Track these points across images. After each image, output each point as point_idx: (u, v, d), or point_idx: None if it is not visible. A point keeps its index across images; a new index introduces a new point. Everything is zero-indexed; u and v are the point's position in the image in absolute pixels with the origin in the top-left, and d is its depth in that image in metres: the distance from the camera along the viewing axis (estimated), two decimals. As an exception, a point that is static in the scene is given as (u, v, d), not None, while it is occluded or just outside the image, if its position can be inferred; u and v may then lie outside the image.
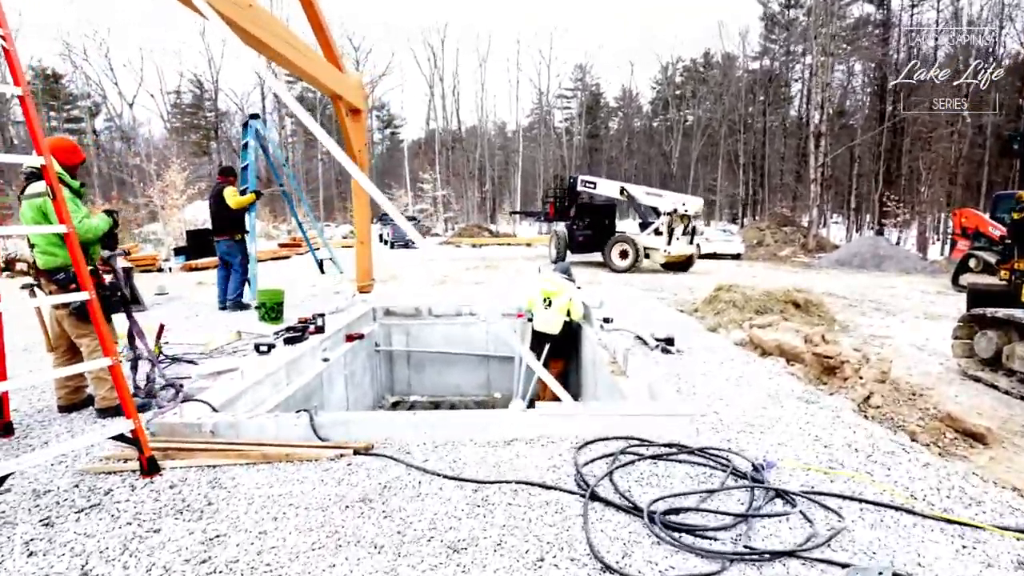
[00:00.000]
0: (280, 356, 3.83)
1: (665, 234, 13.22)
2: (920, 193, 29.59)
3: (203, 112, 37.47)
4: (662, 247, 13.22)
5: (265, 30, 4.14)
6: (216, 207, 6.60)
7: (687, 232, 13.58)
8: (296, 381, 3.81)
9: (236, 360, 4.02)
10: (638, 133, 54.16)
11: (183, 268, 12.12)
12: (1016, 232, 5.45)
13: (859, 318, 8.38)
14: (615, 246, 13.63)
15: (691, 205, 13.67)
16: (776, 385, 3.86)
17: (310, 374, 4.00)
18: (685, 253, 13.52)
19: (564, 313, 5.37)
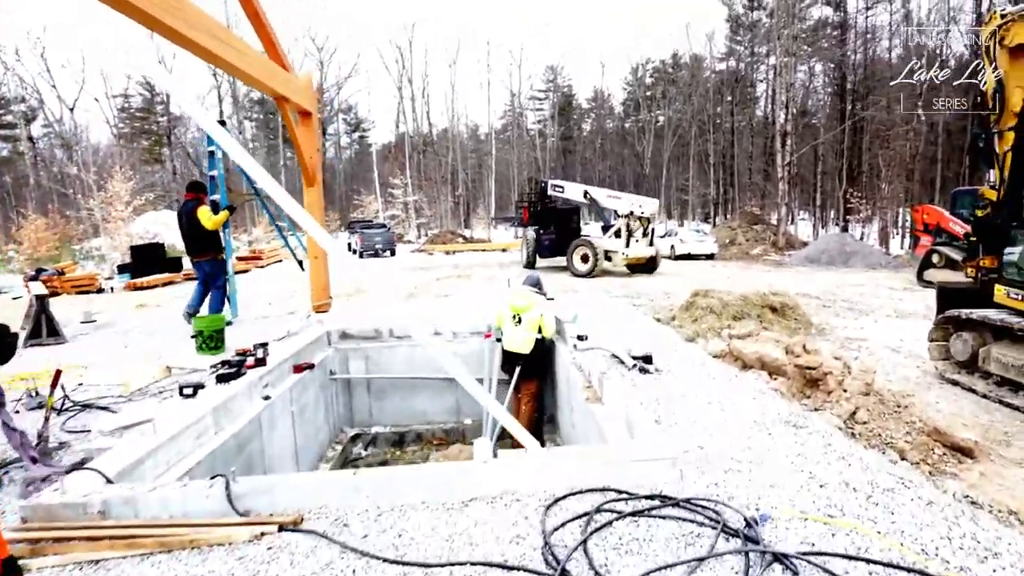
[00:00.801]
0: (208, 399, 3.36)
1: (624, 236, 13.22)
2: (880, 189, 30.38)
3: (155, 116, 35.80)
4: (621, 249, 13.23)
5: (187, 23, 3.66)
6: (189, 227, 6.14)
7: (646, 234, 13.58)
8: (228, 428, 3.34)
9: (157, 405, 3.54)
10: (611, 134, 54.48)
11: (127, 287, 11.33)
12: (980, 229, 5.37)
13: (834, 319, 8.29)
14: (576, 250, 13.60)
15: (647, 207, 13.70)
16: (761, 407, 3.58)
17: (245, 418, 3.53)
18: (644, 255, 13.52)
19: (535, 330, 5.02)
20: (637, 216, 13.39)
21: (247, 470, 3.43)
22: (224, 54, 4.20)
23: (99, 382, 4.16)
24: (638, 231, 13.50)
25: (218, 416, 3.28)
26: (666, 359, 4.71)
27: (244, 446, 3.41)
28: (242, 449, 3.38)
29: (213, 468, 3.05)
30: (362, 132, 50.87)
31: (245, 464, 3.40)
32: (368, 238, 22.08)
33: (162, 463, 2.77)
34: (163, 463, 2.78)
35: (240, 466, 3.34)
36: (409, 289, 10.26)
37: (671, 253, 19.98)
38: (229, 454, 3.23)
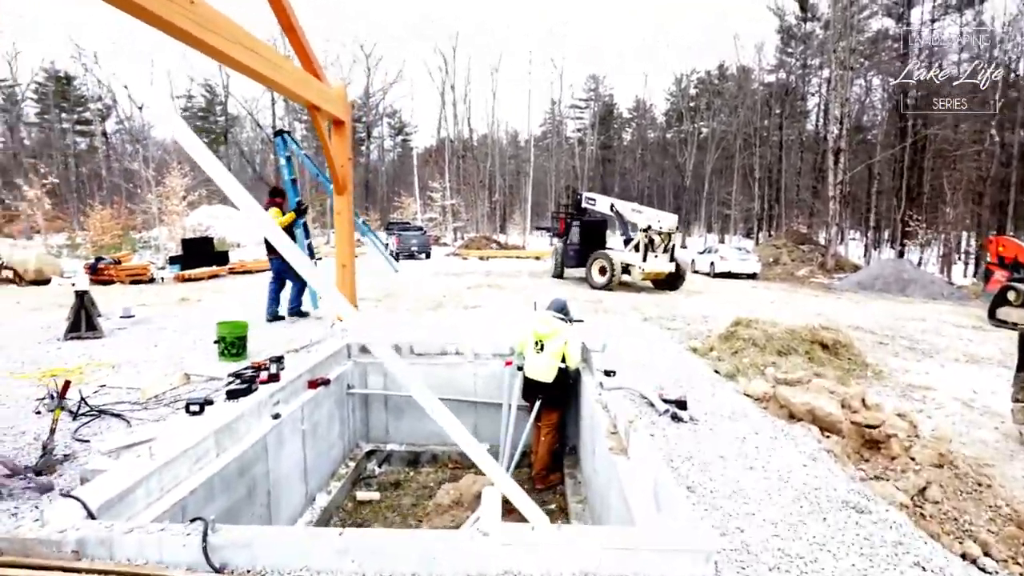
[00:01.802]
0: (213, 419, 3.18)
1: (641, 251, 13.05)
2: (944, 213, 28.34)
3: (214, 116, 37.39)
4: (638, 263, 13.08)
5: (215, 34, 3.53)
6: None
7: (667, 250, 13.32)
8: (230, 450, 3.15)
9: (166, 419, 3.39)
10: (652, 144, 53.37)
11: (176, 278, 11.63)
12: None
13: (892, 360, 7.55)
14: (595, 262, 13.50)
15: (665, 222, 13.40)
16: (813, 477, 3.12)
17: (251, 438, 3.34)
18: (663, 270, 13.25)
19: (558, 359, 4.67)
20: (656, 231, 13.17)
21: (248, 494, 3.23)
22: (260, 68, 4.09)
23: (121, 384, 4.08)
24: (660, 246, 13.30)
25: (220, 438, 3.10)
26: (702, 403, 4.28)
27: (247, 469, 3.22)
28: (244, 472, 3.18)
29: (211, 495, 2.86)
30: (405, 136, 51.64)
31: (247, 487, 3.21)
32: (404, 240, 22.20)
33: (155, 490, 2.58)
34: (156, 490, 2.59)
35: (241, 490, 3.15)
36: (438, 298, 10.06)
37: (710, 270, 19.19)
38: (230, 479, 3.04)
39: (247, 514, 3.19)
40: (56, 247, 17.05)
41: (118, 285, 10.55)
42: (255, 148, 39.66)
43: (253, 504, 3.26)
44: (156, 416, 3.50)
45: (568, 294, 12.12)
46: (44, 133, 33.88)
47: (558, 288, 13.23)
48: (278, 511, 3.57)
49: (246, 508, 3.19)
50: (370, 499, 4.50)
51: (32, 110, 34.47)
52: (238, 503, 3.09)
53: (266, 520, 3.42)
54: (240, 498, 3.12)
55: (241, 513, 3.13)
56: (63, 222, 19.58)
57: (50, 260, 11.17)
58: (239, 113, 35.51)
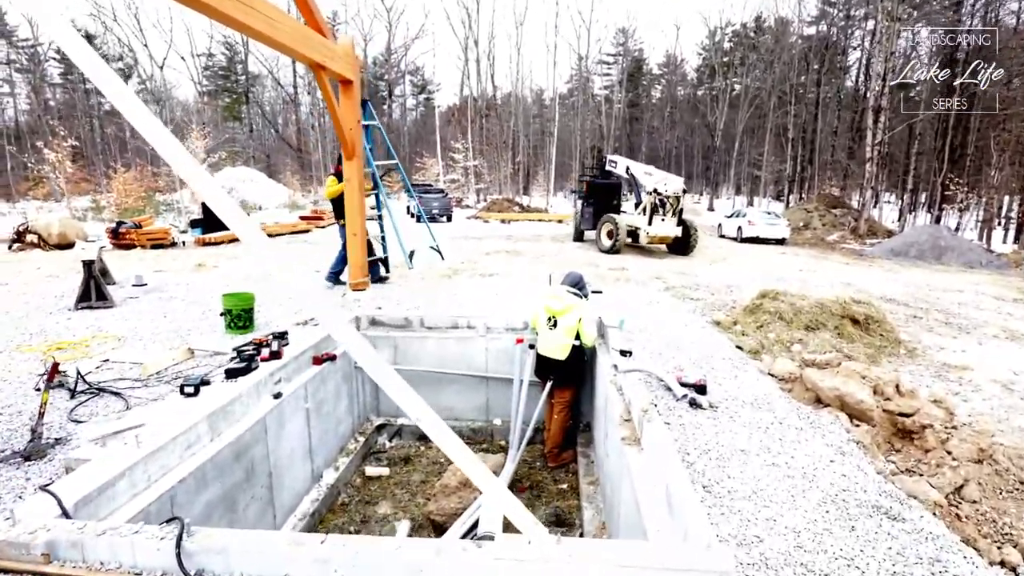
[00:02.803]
0: (208, 401, 3.04)
1: (648, 214, 12.72)
2: (988, 176, 26.45)
3: (235, 75, 36.77)
4: (644, 227, 12.79)
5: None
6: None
7: (675, 213, 12.88)
8: (226, 434, 3.02)
9: (170, 393, 3.28)
10: (681, 102, 50.92)
11: (196, 242, 11.63)
12: None
13: (926, 336, 7.07)
14: (603, 226, 13.25)
15: (671, 185, 12.88)
16: (841, 476, 2.85)
17: (249, 420, 3.21)
18: (669, 234, 12.85)
19: (571, 336, 4.41)
20: (662, 194, 12.72)
21: (247, 477, 3.13)
22: (253, 22, 3.74)
23: (125, 359, 4.00)
24: (669, 210, 12.87)
25: (215, 421, 2.97)
26: (723, 386, 3.99)
27: (244, 453, 3.10)
28: (241, 456, 3.07)
29: (203, 482, 2.75)
30: (428, 94, 50.29)
31: (245, 471, 3.10)
32: (426, 203, 21.83)
33: (141, 481, 2.47)
34: (143, 480, 2.48)
35: (238, 474, 3.04)
36: (454, 265, 9.82)
37: (737, 235, 18.45)
38: (224, 464, 2.92)
39: (245, 498, 3.10)
40: (81, 210, 17.27)
41: (138, 250, 10.60)
42: (276, 108, 39.24)
43: (252, 487, 3.17)
44: (156, 394, 3.39)
45: (587, 260, 11.76)
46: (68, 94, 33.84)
47: (578, 253, 12.85)
48: (280, 491, 3.48)
49: (244, 492, 3.09)
50: (379, 475, 4.42)
51: (55, 71, 34.35)
52: (234, 488, 2.99)
53: (267, 502, 3.33)
54: (236, 482, 3.02)
55: (238, 498, 3.03)
56: (90, 185, 19.73)
57: (73, 224, 11.28)
58: (260, 72, 34.89)
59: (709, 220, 28.55)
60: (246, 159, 29.57)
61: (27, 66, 29.77)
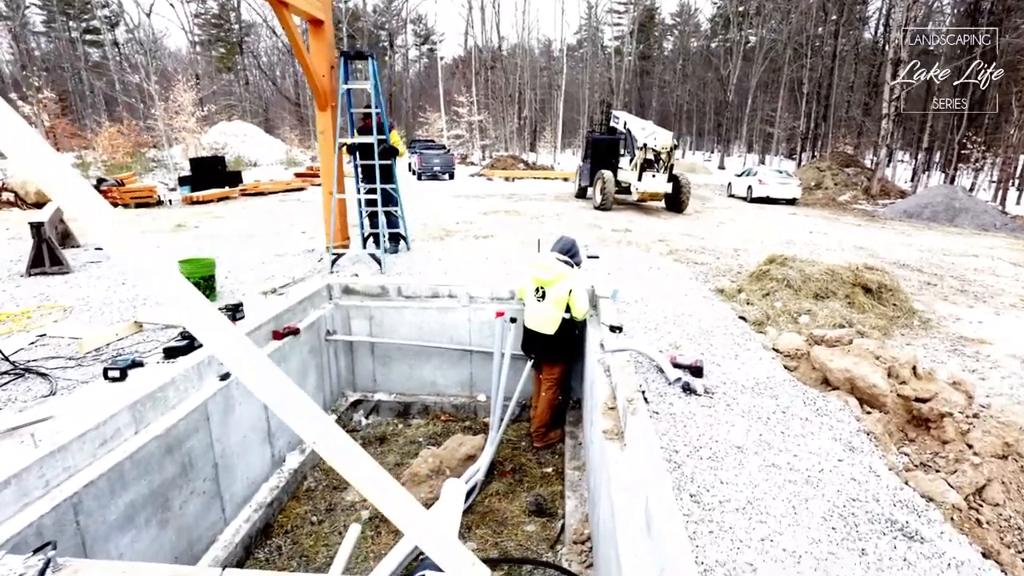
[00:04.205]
0: (136, 386, 2.65)
1: (638, 169, 12.20)
2: (1008, 135, 25.00)
3: (228, 24, 34.72)
4: (633, 183, 12.30)
5: None
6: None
7: (666, 169, 12.30)
8: (155, 424, 2.65)
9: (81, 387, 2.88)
10: (694, 55, 48.28)
11: (184, 200, 11.10)
12: None
13: (941, 305, 6.56)
14: (597, 182, 12.72)
15: (660, 139, 12.16)
16: (850, 481, 2.44)
17: (187, 406, 2.83)
18: (658, 190, 12.31)
19: (561, 308, 3.96)
20: (651, 148, 12.09)
21: (182, 471, 2.78)
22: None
23: (64, 333, 3.60)
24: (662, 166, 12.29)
25: (140, 411, 2.58)
26: (722, 367, 3.55)
27: (179, 443, 2.73)
28: (174, 448, 2.70)
29: (120, 483, 2.38)
30: (431, 45, 47.86)
31: (180, 465, 2.74)
32: (427, 159, 21.00)
33: (35, 488, 2.10)
34: (38, 487, 2.10)
35: (169, 470, 2.68)
36: (448, 226, 9.28)
37: (747, 195, 17.63)
38: (150, 460, 2.55)
39: (183, 494, 2.75)
40: (68, 167, 16.43)
41: (120, 209, 10.10)
42: (274, 59, 37.36)
43: (191, 481, 2.82)
44: (89, 375, 3.00)
45: (589, 220, 11.16)
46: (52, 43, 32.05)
47: (580, 213, 12.24)
48: (231, 482, 3.15)
49: (180, 488, 2.74)
50: (349, 454, 4.09)
51: (38, 17, 32.33)
52: (165, 486, 2.63)
53: (213, 495, 3.00)
54: (169, 479, 2.66)
55: (172, 495, 2.68)
56: (81, 140, 18.95)
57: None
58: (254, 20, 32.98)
59: (719, 179, 27.47)
60: (242, 113, 28.37)
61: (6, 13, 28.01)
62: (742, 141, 42.17)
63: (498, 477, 3.96)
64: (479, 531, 3.45)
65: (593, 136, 14.99)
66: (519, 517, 3.57)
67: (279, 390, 1.44)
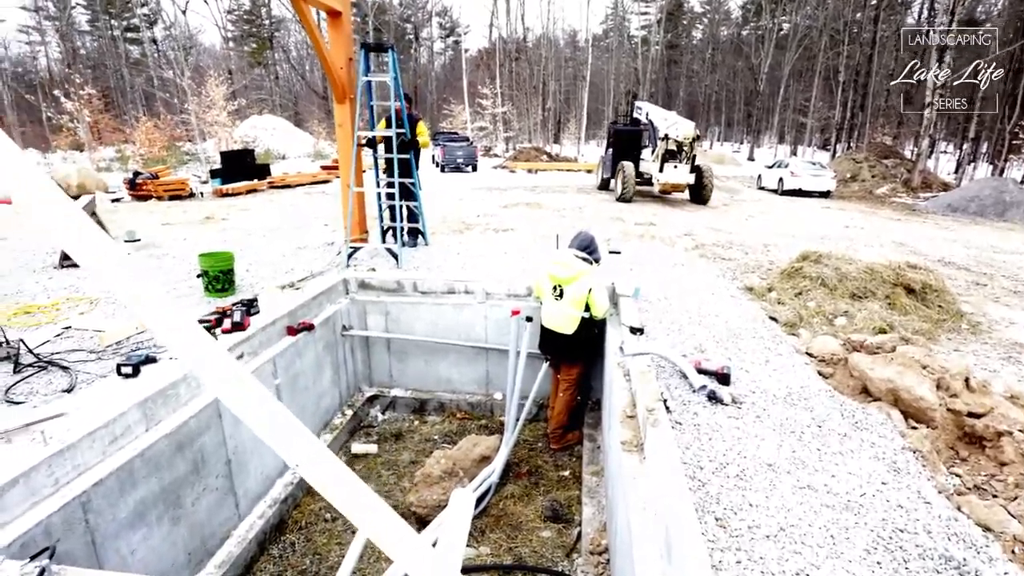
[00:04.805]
0: (148, 382, 2.62)
1: (660, 160, 11.94)
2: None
3: (259, 20, 35.19)
4: (654, 174, 12.07)
5: None
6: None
7: (689, 160, 12.00)
8: (165, 423, 2.61)
9: (98, 383, 2.86)
10: (724, 43, 46.73)
11: (215, 193, 11.28)
12: None
13: (991, 307, 6.10)
14: (618, 174, 12.58)
15: (681, 129, 11.81)
16: (896, 507, 2.22)
17: (199, 403, 2.79)
18: (680, 181, 12.00)
19: (580, 307, 3.79)
20: (672, 138, 11.79)
21: (194, 469, 2.75)
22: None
23: (88, 326, 3.63)
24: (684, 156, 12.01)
25: (151, 408, 2.54)
26: (751, 374, 3.33)
27: (191, 441, 2.69)
28: (185, 446, 2.66)
29: (130, 482, 2.35)
30: (456, 37, 47.58)
31: (191, 462, 2.71)
32: (450, 151, 20.92)
33: (45, 486, 2.07)
34: (47, 485, 2.07)
35: (180, 467, 2.65)
36: (468, 219, 9.15)
37: (778, 187, 16.97)
38: (161, 457, 2.52)
39: (195, 491, 2.72)
40: (107, 160, 17.11)
41: (154, 201, 10.33)
42: (303, 53, 37.76)
43: (203, 478, 2.78)
44: (107, 369, 2.99)
45: (613, 213, 10.88)
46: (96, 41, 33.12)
47: (603, 206, 11.94)
48: (244, 478, 3.11)
49: (191, 485, 2.71)
50: (366, 452, 4.04)
51: (83, 17, 33.52)
52: (176, 484, 2.60)
53: (227, 491, 2.96)
54: (180, 476, 2.62)
55: (184, 492, 2.64)
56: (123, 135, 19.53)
57: (93, 175, 11.05)
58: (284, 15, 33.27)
59: (749, 171, 26.58)
60: (272, 107, 28.79)
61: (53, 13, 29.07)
62: (773, 132, 40.75)
63: (513, 479, 3.85)
64: (493, 535, 3.34)
65: (616, 127, 14.76)
66: (534, 522, 3.45)
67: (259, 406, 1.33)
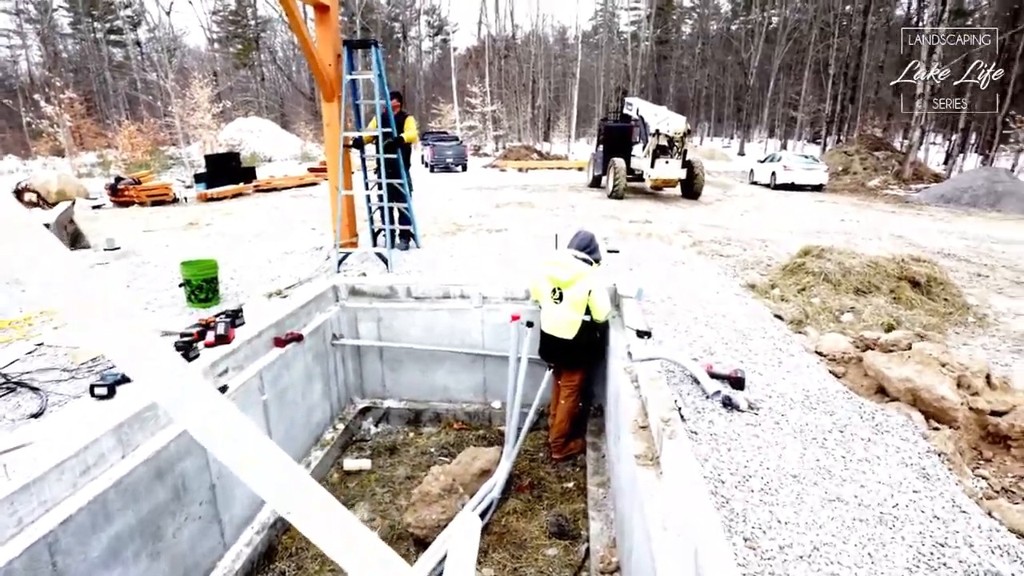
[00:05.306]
0: (123, 405, 2.42)
1: (651, 156, 11.97)
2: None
3: (245, 20, 34.65)
4: (646, 170, 12.12)
5: None
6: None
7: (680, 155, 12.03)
8: (144, 446, 2.41)
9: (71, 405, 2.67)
10: (713, 38, 46.80)
11: (199, 197, 11.00)
12: None
13: (996, 299, 6.02)
14: (609, 171, 12.60)
15: (672, 124, 11.86)
16: (932, 519, 2.08)
17: (178, 427, 2.59)
18: (672, 176, 12.06)
19: (581, 311, 3.63)
20: (664, 133, 11.82)
21: (176, 496, 2.55)
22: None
23: (62, 342, 3.41)
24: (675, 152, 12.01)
25: (127, 433, 2.35)
26: (764, 376, 3.19)
27: (169, 469, 2.49)
28: (166, 472, 2.47)
29: (104, 516, 2.15)
30: (444, 35, 47.26)
31: (172, 489, 2.51)
32: (439, 151, 20.69)
33: (8, 526, 1.87)
34: (9, 525, 1.88)
35: (160, 495, 2.45)
36: (460, 220, 8.97)
37: (771, 181, 16.93)
38: (139, 486, 2.32)
39: (176, 521, 2.52)
40: (88, 166, 16.70)
41: (136, 207, 10.04)
42: (289, 54, 37.27)
43: (186, 506, 2.59)
44: (82, 389, 2.79)
45: (607, 211, 10.74)
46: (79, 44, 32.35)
47: (596, 203, 11.80)
48: (230, 503, 2.92)
49: (174, 515, 2.51)
50: (359, 468, 3.85)
51: (65, 20, 32.78)
52: (156, 514, 2.40)
53: (211, 518, 2.77)
54: (159, 505, 2.43)
55: (165, 523, 2.45)
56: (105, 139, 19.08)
57: (73, 180, 10.74)
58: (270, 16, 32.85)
59: (739, 165, 26.57)
60: (258, 109, 28.36)
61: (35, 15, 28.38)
62: (763, 126, 40.86)
63: (515, 493, 3.68)
64: (496, 555, 3.18)
65: (606, 124, 14.72)
66: (539, 539, 3.29)
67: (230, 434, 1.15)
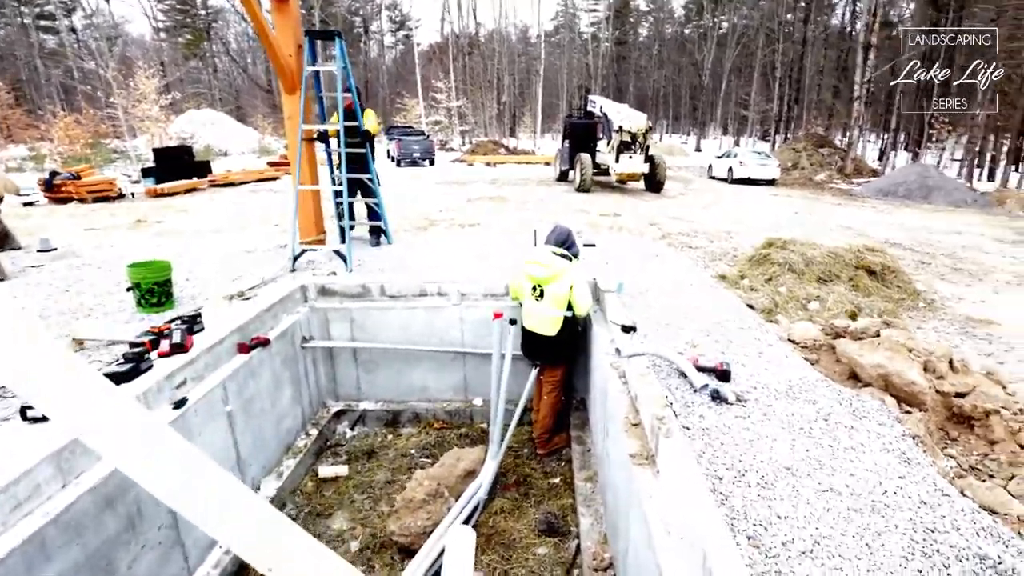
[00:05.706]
0: (59, 431, 2.11)
1: (615, 151, 12.39)
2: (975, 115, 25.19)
3: (194, 9, 32.57)
4: (611, 165, 12.52)
5: None
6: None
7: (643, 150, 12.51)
8: (89, 473, 2.11)
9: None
10: (669, 41, 47.76)
11: (148, 193, 10.23)
12: None
13: (940, 285, 6.32)
14: (576, 165, 12.93)
15: (634, 121, 12.33)
16: (919, 504, 2.07)
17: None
18: (636, 171, 12.47)
19: (562, 307, 3.50)
20: (627, 130, 12.21)
21: (128, 526, 2.24)
22: None
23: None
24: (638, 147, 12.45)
25: (67, 460, 2.04)
26: (748, 367, 3.16)
27: (120, 496, 2.19)
28: (115, 500, 2.17)
29: (42, 554, 1.85)
30: (407, 31, 46.17)
31: (124, 519, 2.21)
32: (406, 146, 20.16)
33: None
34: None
35: (111, 527, 2.15)
36: (431, 215, 8.70)
37: (728, 176, 17.44)
38: (82, 520, 2.02)
39: (131, 551, 2.23)
40: (18, 160, 15.25)
41: (76, 204, 9.21)
42: (244, 45, 35.33)
43: (141, 534, 2.29)
44: (13, 411, 2.44)
45: (577, 205, 10.68)
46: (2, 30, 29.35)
47: (567, 197, 11.77)
48: (192, 525, 2.63)
49: (126, 546, 2.21)
50: (335, 475, 3.61)
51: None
52: (106, 547, 2.11)
53: (172, 543, 2.48)
54: (110, 538, 2.13)
55: (117, 555, 2.16)
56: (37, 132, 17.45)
57: (1, 176, 9.74)
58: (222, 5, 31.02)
59: (696, 160, 27.24)
60: (211, 101, 26.75)
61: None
62: (717, 124, 42.14)
63: (501, 491, 3.53)
64: (485, 557, 3.03)
65: (571, 120, 14.86)
66: (529, 538, 3.16)
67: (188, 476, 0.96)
